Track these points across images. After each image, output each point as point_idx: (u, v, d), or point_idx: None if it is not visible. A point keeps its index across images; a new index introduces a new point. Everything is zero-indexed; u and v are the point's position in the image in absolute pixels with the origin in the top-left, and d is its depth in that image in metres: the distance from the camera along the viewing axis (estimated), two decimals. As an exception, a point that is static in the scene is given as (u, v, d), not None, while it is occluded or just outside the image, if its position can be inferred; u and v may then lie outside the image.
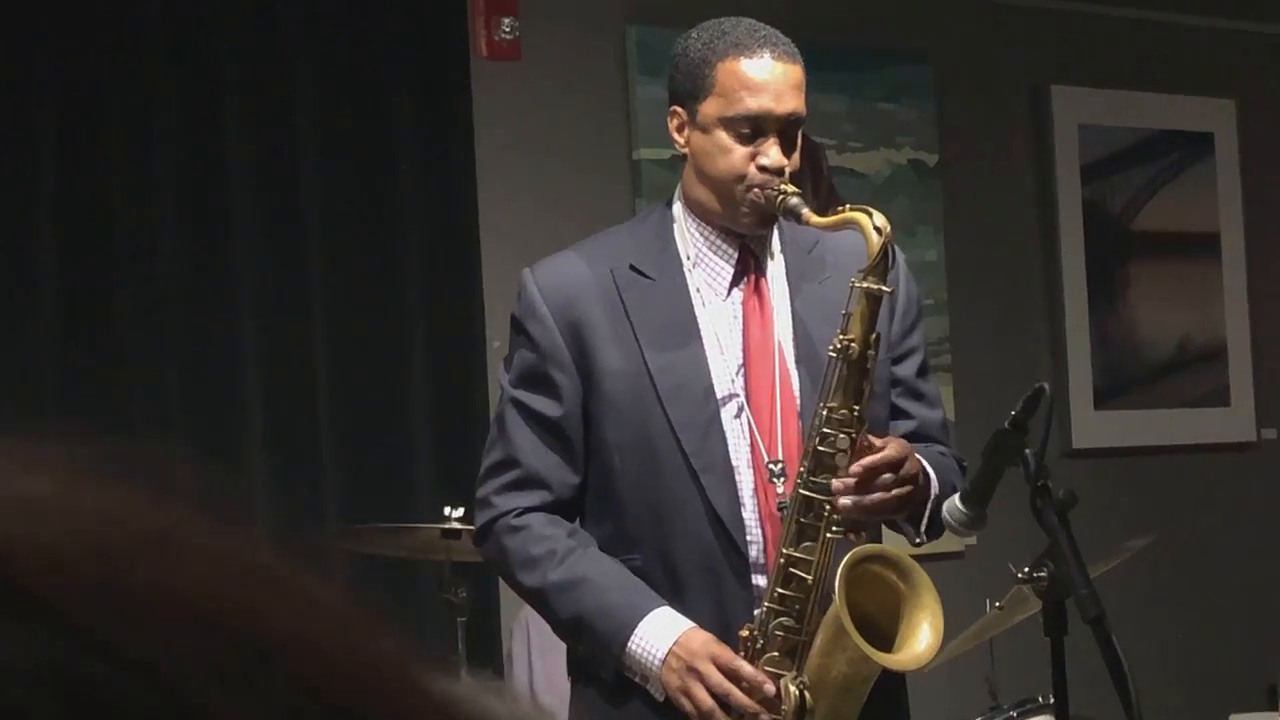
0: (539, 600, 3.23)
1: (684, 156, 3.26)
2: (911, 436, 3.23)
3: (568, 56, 5.61)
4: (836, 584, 3.00)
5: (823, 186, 5.80)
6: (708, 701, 3.07)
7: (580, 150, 5.62)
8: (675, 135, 3.24)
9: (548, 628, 3.32)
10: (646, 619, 3.11)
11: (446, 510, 4.45)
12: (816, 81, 3.41)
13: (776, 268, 3.25)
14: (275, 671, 0.62)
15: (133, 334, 4.84)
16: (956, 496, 3.05)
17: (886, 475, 3.03)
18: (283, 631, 0.63)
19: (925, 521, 3.14)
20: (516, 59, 5.50)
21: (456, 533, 4.42)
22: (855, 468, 3.02)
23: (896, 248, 3.11)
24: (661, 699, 3.12)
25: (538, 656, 4.86)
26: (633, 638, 3.11)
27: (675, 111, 3.23)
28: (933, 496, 3.14)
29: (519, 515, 3.21)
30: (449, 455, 5.22)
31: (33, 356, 4.68)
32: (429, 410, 5.24)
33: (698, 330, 3.19)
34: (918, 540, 3.20)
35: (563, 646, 3.31)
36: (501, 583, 3.94)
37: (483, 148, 5.42)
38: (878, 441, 3.06)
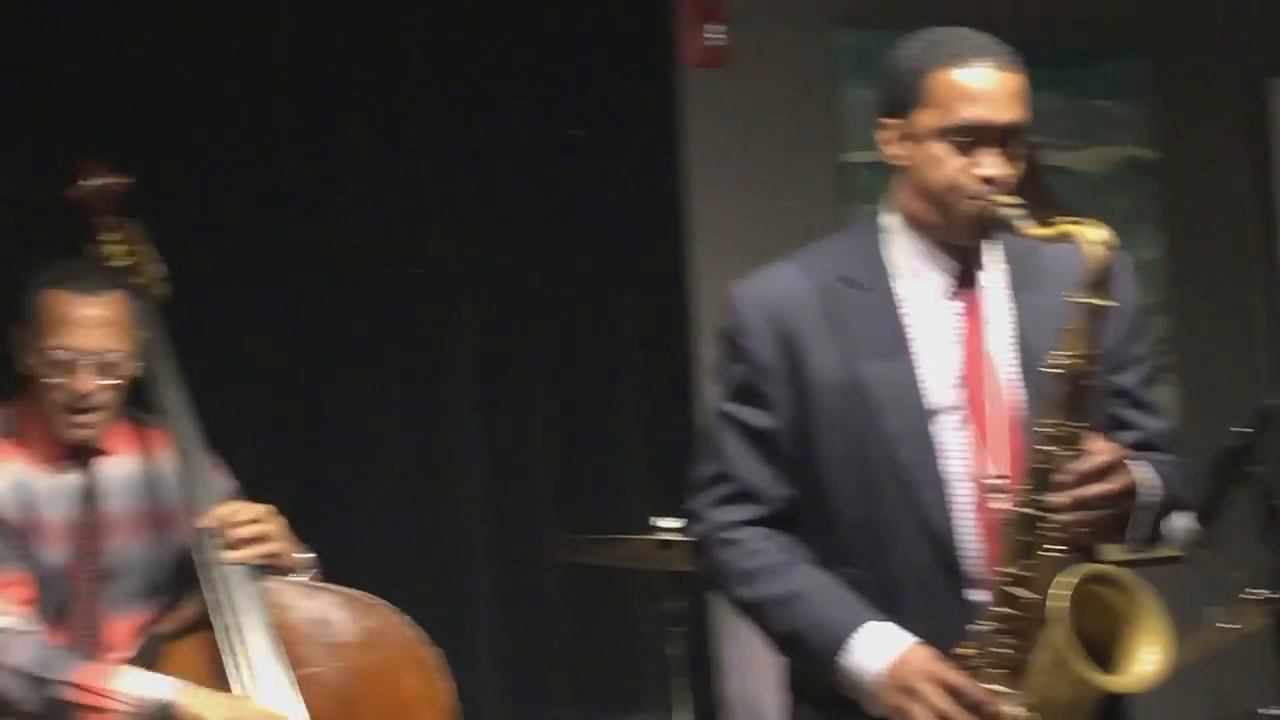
0: (753, 614, 3.21)
1: (890, 156, 3.22)
2: (1137, 447, 3.16)
3: (775, 61, 5.58)
4: (1060, 604, 2.94)
5: (1037, 187, 5.71)
6: (927, 720, 3.03)
7: (788, 154, 5.59)
8: (887, 148, 3.19)
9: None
10: (860, 633, 3.07)
11: (659, 521, 4.45)
12: (1029, 79, 3.34)
13: (994, 278, 3.20)
14: None
15: (351, 344, 4.88)
16: (1183, 515, 2.98)
17: (1102, 488, 2.97)
18: None
19: (1143, 528, 3.07)
20: (723, 65, 5.48)
21: (669, 543, 4.41)
22: (1068, 477, 2.97)
23: (1119, 256, 3.04)
24: (879, 716, 3.08)
25: (750, 663, 4.84)
26: (847, 653, 3.07)
27: (887, 124, 3.19)
28: (1155, 503, 3.08)
29: (732, 529, 3.20)
30: (660, 465, 5.22)
31: (246, 348, 4.74)
32: (640, 419, 5.24)
33: (912, 341, 3.15)
34: (1132, 541, 3.12)
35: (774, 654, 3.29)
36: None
37: (690, 154, 5.42)
38: (1092, 446, 3.00)
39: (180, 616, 3.81)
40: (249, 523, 3.84)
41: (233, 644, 3.73)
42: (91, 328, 3.80)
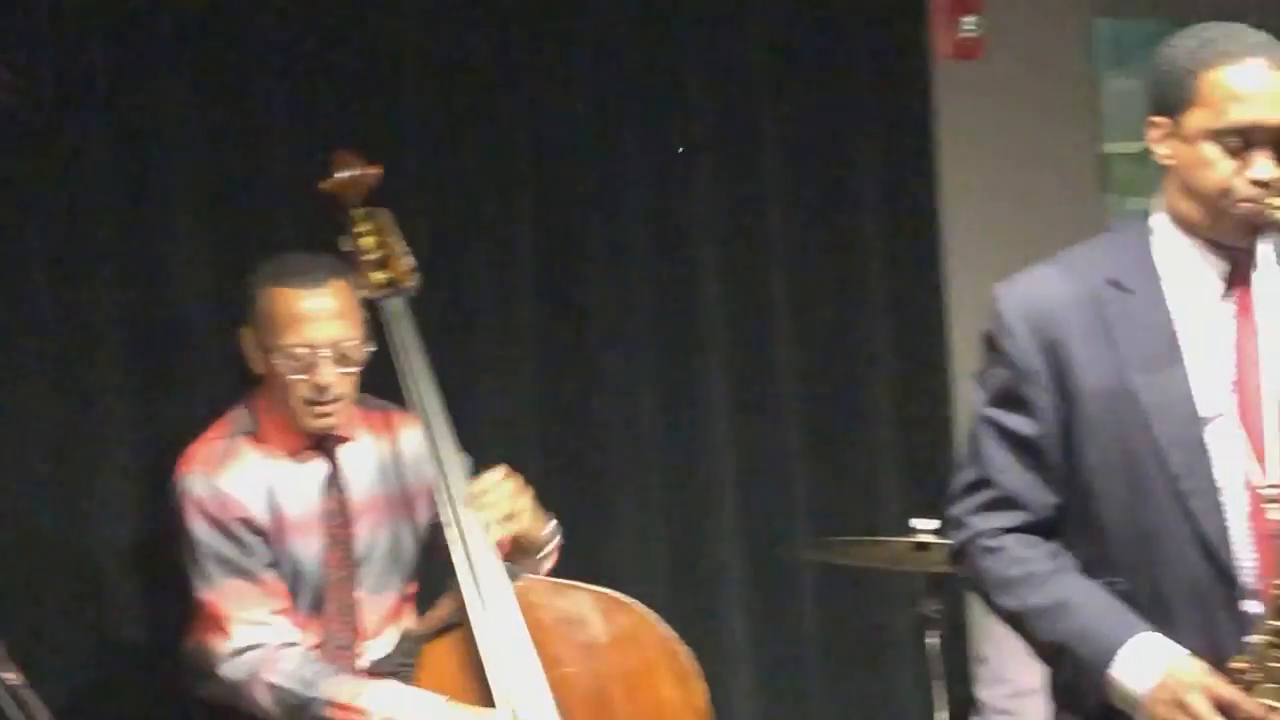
0: (1017, 623, 3.16)
1: (1159, 156, 3.13)
2: None
3: (1031, 52, 5.49)
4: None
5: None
6: (1200, 736, 2.96)
7: (1045, 147, 5.50)
8: (1156, 147, 3.11)
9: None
10: (1130, 645, 3.01)
11: (915, 523, 4.40)
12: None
13: (1267, 281, 3.11)
14: None
15: (604, 347, 4.89)
16: None
17: None
18: None
19: None
20: (979, 57, 5.41)
21: (927, 545, 4.37)
22: None
23: None
24: (1148, 729, 3.01)
25: (1008, 660, 4.78)
26: (1116, 664, 3.01)
27: (1155, 123, 3.10)
28: None
29: (995, 536, 3.15)
30: (914, 465, 5.17)
31: (514, 363, 4.76)
32: (893, 419, 5.19)
33: (1183, 346, 3.07)
34: None
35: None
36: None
37: (945, 147, 5.36)
38: None
39: (435, 617, 3.83)
40: (500, 501, 3.84)
41: (488, 645, 3.75)
42: (324, 320, 3.82)
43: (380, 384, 4.01)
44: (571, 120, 4.88)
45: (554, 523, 3.99)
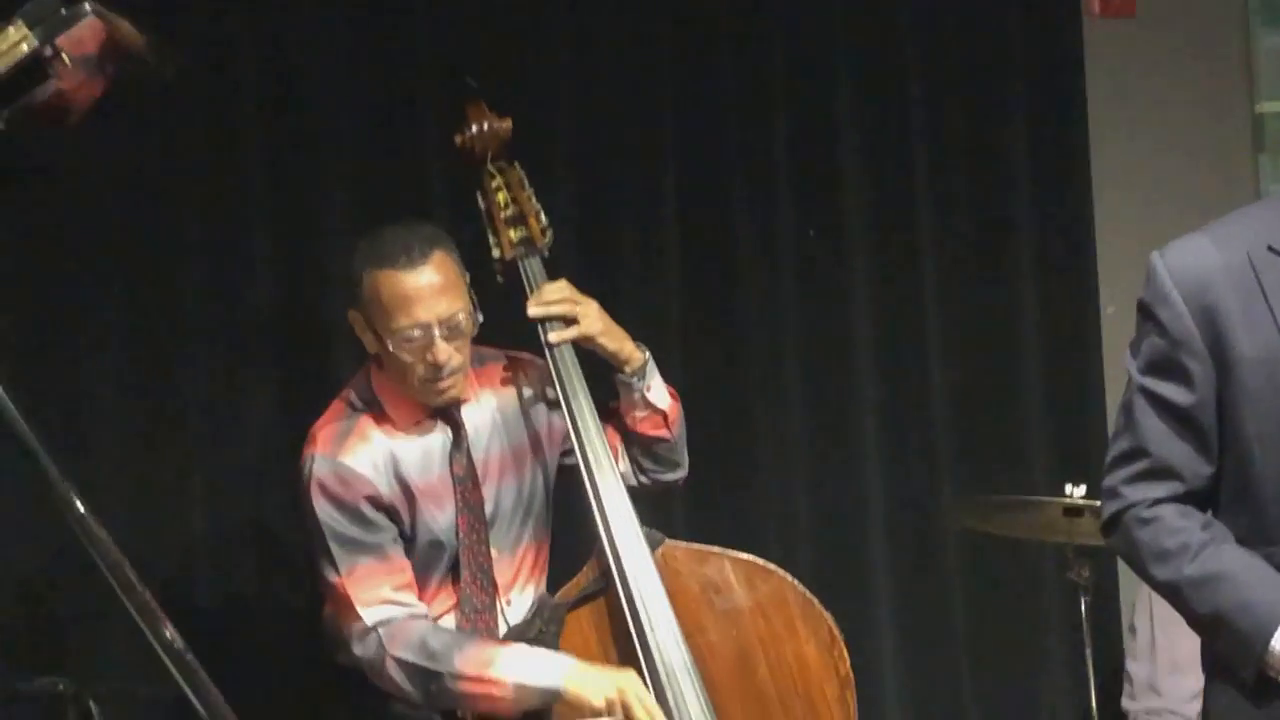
0: (1172, 594, 3.11)
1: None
2: None
3: (1185, 9, 5.42)
4: None
5: None
6: (1359, 708, 2.92)
7: (1198, 105, 5.42)
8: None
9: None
10: None
11: (1068, 488, 4.36)
12: None
13: None
14: None
15: (752, 314, 4.88)
16: None
17: None
18: None
19: None
20: (1131, 15, 5.34)
21: (1079, 509, 4.32)
22: None
23: None
24: (1307, 703, 2.98)
25: (1160, 630, 4.73)
26: (1276, 635, 2.97)
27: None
28: None
29: (1150, 506, 3.10)
30: (1063, 428, 5.12)
31: (659, 326, 4.75)
32: (1041, 380, 5.14)
33: (1345, 314, 3.01)
34: None
35: (1182, 622, 3.19)
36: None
37: (1096, 106, 5.29)
38: None
39: (577, 584, 3.83)
40: (562, 301, 3.86)
41: (636, 615, 3.75)
42: (431, 298, 3.77)
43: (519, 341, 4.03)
44: (718, 92, 4.86)
45: (648, 353, 3.95)
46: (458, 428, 3.91)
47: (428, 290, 3.78)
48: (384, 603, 3.76)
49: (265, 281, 4.43)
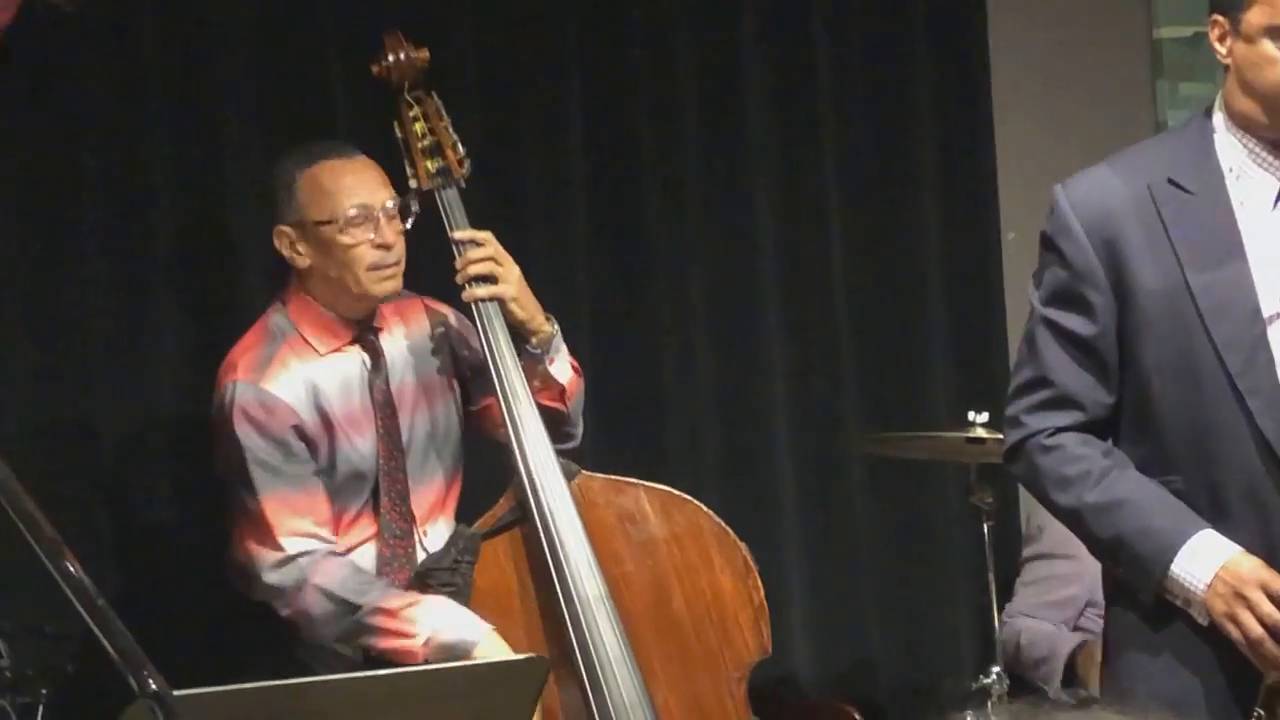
0: (1074, 520, 3.17)
1: (1219, 55, 3.09)
2: None
3: (1086, -65, 5.44)
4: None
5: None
6: (1256, 629, 2.98)
7: (1098, 30, 5.45)
8: (1216, 45, 3.09)
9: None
10: (1190, 542, 3.03)
11: (970, 414, 4.40)
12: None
13: (1327, 178, 3.09)
14: None
15: (658, 238, 4.88)
16: None
17: None
18: None
19: None
20: (1034, -59, 5.37)
21: (981, 439, 4.37)
22: None
23: None
24: (1205, 624, 3.03)
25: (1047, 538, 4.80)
26: (1176, 561, 3.03)
27: (1216, 21, 3.08)
28: None
29: (1051, 435, 3.16)
30: (965, 354, 5.16)
31: (566, 254, 4.76)
32: (945, 312, 5.17)
33: (1242, 246, 3.06)
34: None
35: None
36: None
37: (996, 35, 5.31)
38: None
39: (494, 514, 3.85)
40: (486, 259, 3.88)
41: (552, 544, 3.77)
42: (372, 183, 3.85)
43: (431, 276, 4.03)
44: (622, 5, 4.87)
45: (557, 327, 3.99)
46: (377, 355, 3.91)
47: (368, 176, 3.86)
48: (307, 535, 3.77)
49: (166, 216, 4.39)
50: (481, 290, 3.88)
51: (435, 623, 3.71)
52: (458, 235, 3.93)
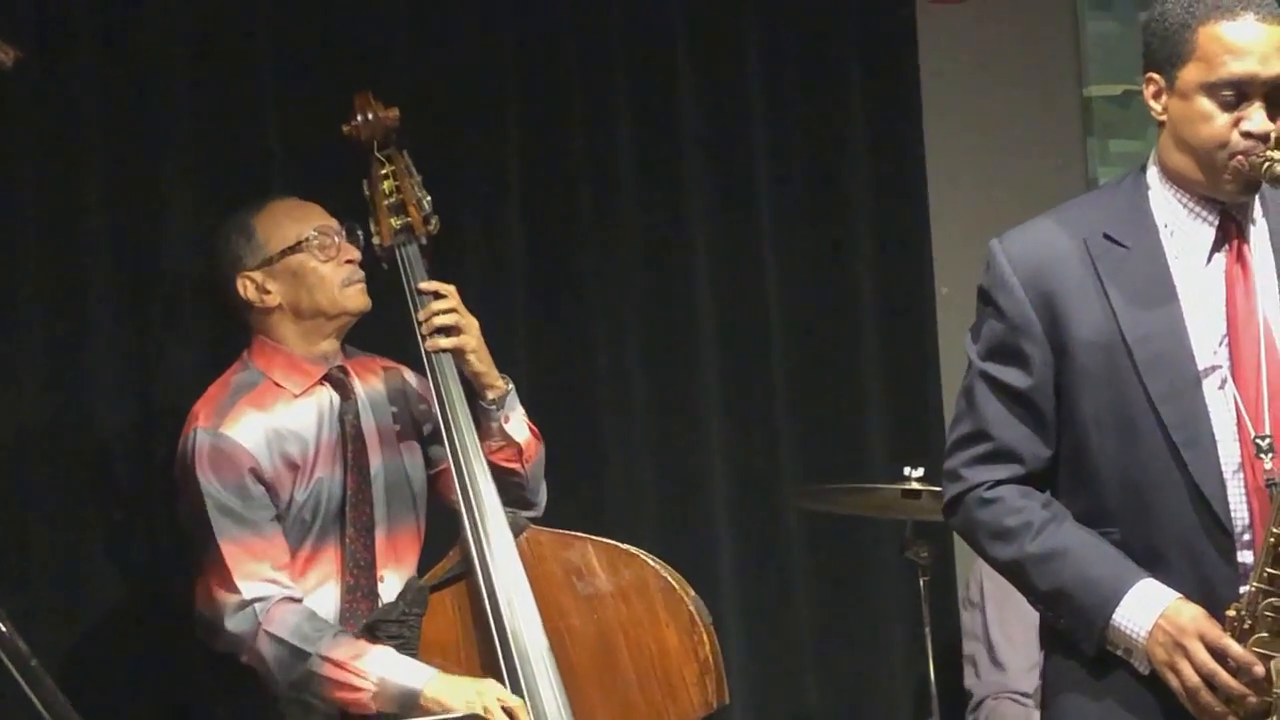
0: (1014, 572, 3.19)
1: (1154, 112, 3.14)
2: None
3: (1014, -5, 5.50)
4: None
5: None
6: (1194, 679, 3.01)
7: (1029, 89, 5.51)
8: (1151, 102, 3.13)
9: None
10: (1131, 591, 3.05)
11: (906, 470, 4.43)
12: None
13: (1259, 235, 3.14)
14: None
15: (594, 298, 4.90)
16: None
17: None
18: None
19: None
20: (962, 1, 5.41)
21: (917, 493, 4.40)
22: None
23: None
24: (1146, 672, 3.06)
25: (993, 606, 4.82)
26: (1118, 611, 3.05)
27: (1151, 78, 3.12)
28: None
29: (991, 488, 3.18)
30: (901, 409, 5.18)
31: (504, 309, 4.76)
32: (879, 361, 5.20)
33: (1176, 299, 3.09)
34: None
35: (1017, 595, 3.26)
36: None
37: (928, 91, 5.35)
38: None
39: (443, 567, 3.87)
40: (450, 311, 3.95)
41: (494, 599, 3.78)
42: (320, 211, 3.98)
43: (389, 333, 4.06)
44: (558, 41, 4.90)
45: (511, 385, 4.02)
46: (347, 391, 3.96)
47: (314, 207, 4.01)
48: (264, 580, 3.79)
49: (103, 260, 4.38)
50: (445, 341, 3.95)
51: (383, 672, 3.73)
52: (423, 286, 3.99)
